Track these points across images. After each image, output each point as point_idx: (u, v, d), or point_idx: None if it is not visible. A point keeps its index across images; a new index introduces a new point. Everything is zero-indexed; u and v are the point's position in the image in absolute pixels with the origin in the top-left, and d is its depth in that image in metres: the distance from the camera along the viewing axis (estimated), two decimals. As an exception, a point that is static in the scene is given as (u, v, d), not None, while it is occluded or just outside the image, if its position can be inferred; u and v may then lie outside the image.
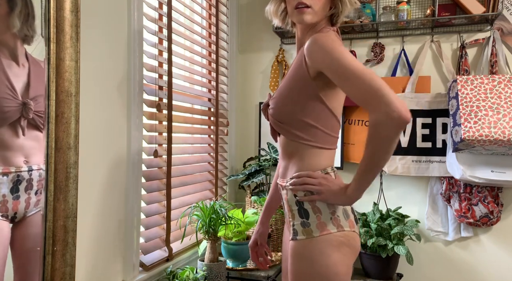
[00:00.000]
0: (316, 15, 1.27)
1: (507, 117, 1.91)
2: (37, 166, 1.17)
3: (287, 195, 1.29)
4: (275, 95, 1.32)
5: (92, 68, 1.44)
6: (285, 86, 1.28)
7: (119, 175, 1.60)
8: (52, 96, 1.19)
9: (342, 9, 1.29)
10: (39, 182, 1.18)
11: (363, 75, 1.09)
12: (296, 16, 1.27)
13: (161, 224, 1.87)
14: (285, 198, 1.31)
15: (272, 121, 1.32)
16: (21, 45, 1.13)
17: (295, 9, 1.26)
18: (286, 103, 1.27)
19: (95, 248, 1.49)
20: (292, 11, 1.27)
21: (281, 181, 1.33)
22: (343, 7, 1.29)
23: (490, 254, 2.26)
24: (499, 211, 2.15)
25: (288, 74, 1.30)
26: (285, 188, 1.30)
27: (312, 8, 1.25)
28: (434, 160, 2.24)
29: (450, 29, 2.29)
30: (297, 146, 1.27)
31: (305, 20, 1.25)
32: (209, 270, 1.87)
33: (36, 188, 1.18)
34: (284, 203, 1.33)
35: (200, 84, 2.24)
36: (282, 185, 1.32)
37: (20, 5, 1.12)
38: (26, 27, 1.14)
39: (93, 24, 1.44)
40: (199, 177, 2.23)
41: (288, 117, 1.27)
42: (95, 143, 1.47)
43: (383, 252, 2.04)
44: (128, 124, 1.63)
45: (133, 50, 1.64)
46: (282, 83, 1.31)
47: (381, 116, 1.05)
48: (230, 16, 2.56)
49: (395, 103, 1.04)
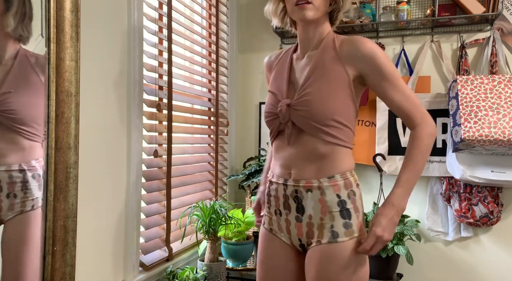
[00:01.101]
0: (317, 11, 1.24)
1: (507, 117, 1.91)
2: (6, 167, 1.11)
3: (323, 196, 1.24)
4: (302, 95, 1.25)
5: (92, 68, 1.44)
6: (319, 85, 1.23)
7: (119, 175, 1.60)
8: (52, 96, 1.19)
9: (343, 4, 1.28)
10: (12, 184, 1.12)
11: (409, 89, 1.25)
12: (297, 13, 1.24)
13: (161, 224, 1.87)
14: (319, 199, 1.24)
15: (303, 122, 1.25)
16: (12, 44, 1.11)
17: (295, 5, 1.23)
18: (323, 103, 1.22)
19: (95, 248, 1.49)
20: (293, 9, 1.25)
21: (304, 182, 1.26)
22: (344, 2, 1.28)
23: (490, 254, 2.26)
24: (499, 211, 2.15)
25: (318, 73, 1.25)
26: (319, 188, 1.24)
27: (313, 4, 1.22)
28: (434, 160, 2.24)
29: (450, 29, 2.29)
30: (332, 147, 1.24)
31: (307, 16, 1.23)
32: (209, 270, 1.87)
33: (8, 191, 1.11)
34: (308, 204, 1.26)
35: (200, 84, 2.24)
36: (309, 186, 1.25)
37: (16, 5, 1.11)
38: (22, 27, 1.13)
39: (93, 24, 1.44)
40: (199, 177, 2.23)
41: (325, 117, 1.22)
42: (95, 143, 1.47)
43: (383, 252, 2.04)
44: (128, 124, 1.63)
45: (133, 50, 1.64)
46: (309, 82, 1.25)
47: (429, 128, 1.22)
48: (230, 16, 2.56)
49: (431, 118, 1.24)
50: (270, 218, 1.37)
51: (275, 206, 1.35)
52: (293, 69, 1.34)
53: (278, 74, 1.38)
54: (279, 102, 1.29)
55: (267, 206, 1.39)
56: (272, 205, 1.36)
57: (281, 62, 1.40)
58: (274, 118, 1.31)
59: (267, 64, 1.47)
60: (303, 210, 1.27)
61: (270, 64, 1.45)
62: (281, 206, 1.32)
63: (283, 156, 1.31)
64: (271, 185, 1.36)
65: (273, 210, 1.36)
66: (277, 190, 1.33)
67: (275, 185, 1.34)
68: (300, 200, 1.27)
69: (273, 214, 1.36)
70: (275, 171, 1.35)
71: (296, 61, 1.35)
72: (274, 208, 1.35)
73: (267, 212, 1.39)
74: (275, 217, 1.35)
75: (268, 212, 1.38)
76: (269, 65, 1.46)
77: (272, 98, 1.34)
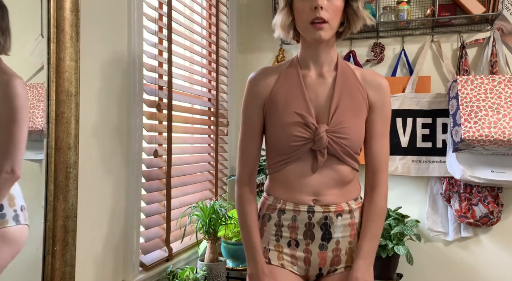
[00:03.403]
0: (332, 31, 1.18)
1: (507, 117, 1.91)
2: None
3: (353, 219, 1.26)
4: (339, 122, 1.20)
5: (92, 68, 1.44)
6: (351, 114, 1.22)
7: (119, 175, 1.60)
8: (52, 96, 1.19)
9: (356, 24, 1.21)
10: None
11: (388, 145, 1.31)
12: (311, 32, 1.16)
13: (161, 224, 1.87)
14: (349, 223, 1.25)
15: (342, 150, 1.21)
16: None
17: (310, 24, 1.15)
18: (359, 132, 1.23)
19: (95, 248, 1.49)
20: (306, 27, 1.17)
21: (335, 207, 1.24)
22: (357, 22, 1.21)
23: (490, 254, 2.26)
24: (499, 211, 2.15)
25: (346, 99, 1.22)
26: (350, 211, 1.25)
27: (329, 24, 1.15)
28: (434, 160, 2.24)
29: (450, 29, 2.29)
30: (354, 173, 1.26)
31: (322, 37, 1.16)
32: (209, 270, 1.87)
33: None
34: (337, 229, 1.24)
35: (200, 84, 2.24)
36: (340, 210, 1.24)
37: None
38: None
39: (93, 24, 1.44)
40: (199, 177, 2.23)
41: (359, 146, 1.25)
42: (95, 143, 1.47)
43: (383, 252, 2.04)
44: (128, 124, 1.63)
45: (133, 50, 1.64)
46: (341, 109, 1.21)
47: (386, 189, 1.28)
48: (230, 16, 2.56)
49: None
50: (279, 252, 1.26)
51: (289, 236, 1.25)
52: (307, 87, 1.24)
53: (291, 93, 1.24)
54: (309, 125, 1.20)
55: (274, 238, 1.27)
56: (285, 236, 1.26)
57: (287, 79, 1.26)
58: (305, 143, 1.20)
59: (260, 81, 1.28)
60: (330, 237, 1.23)
61: (266, 82, 1.27)
62: (300, 236, 1.24)
63: (305, 183, 1.23)
64: (282, 213, 1.26)
65: (285, 242, 1.26)
66: (294, 219, 1.24)
67: (291, 213, 1.24)
68: (329, 226, 1.23)
69: (284, 247, 1.26)
70: (290, 198, 1.25)
71: (306, 78, 1.25)
72: (287, 240, 1.26)
73: (274, 247, 1.27)
74: (288, 250, 1.26)
75: (276, 245, 1.27)
76: (264, 83, 1.27)
77: (298, 119, 1.20)
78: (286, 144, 1.21)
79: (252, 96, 1.28)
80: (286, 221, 1.25)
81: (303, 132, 1.19)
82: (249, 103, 1.29)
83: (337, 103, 1.21)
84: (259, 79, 1.28)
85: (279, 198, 1.27)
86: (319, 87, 1.23)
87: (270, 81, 1.27)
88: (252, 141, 1.29)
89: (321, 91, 1.23)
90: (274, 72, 1.29)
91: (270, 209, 1.28)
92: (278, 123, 1.23)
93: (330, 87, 1.23)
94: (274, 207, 1.27)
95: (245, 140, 1.30)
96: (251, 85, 1.29)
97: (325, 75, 1.24)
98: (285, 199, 1.25)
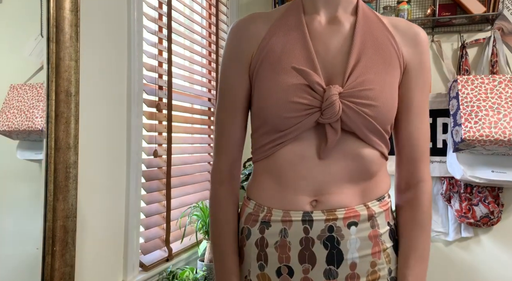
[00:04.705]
0: None
1: (508, 117, 1.90)
2: None
3: (375, 229, 0.85)
4: (361, 82, 0.82)
5: (92, 68, 1.44)
6: (379, 70, 0.84)
7: (119, 175, 1.60)
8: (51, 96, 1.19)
9: None
10: None
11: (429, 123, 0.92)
12: None
13: (161, 224, 1.87)
14: (369, 235, 0.85)
15: (364, 123, 0.82)
16: None
17: None
18: (391, 98, 0.84)
19: (95, 248, 1.49)
20: None
21: (344, 212, 0.84)
22: None
23: (490, 254, 2.26)
24: (499, 211, 2.15)
25: (371, 50, 0.85)
26: (369, 218, 0.86)
27: None
28: (435, 160, 2.24)
29: (451, 29, 2.29)
30: (382, 161, 0.89)
31: None
32: (209, 270, 1.86)
33: None
34: (351, 246, 0.84)
35: (200, 84, 2.24)
36: (353, 216, 0.84)
37: None
38: None
39: (93, 24, 1.44)
40: (199, 177, 2.22)
41: (390, 119, 0.86)
42: (95, 143, 1.47)
43: (383, 252, 2.04)
44: (128, 124, 1.63)
45: (133, 49, 1.63)
46: (365, 62, 0.84)
47: (431, 185, 0.92)
48: (230, 16, 2.55)
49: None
50: None
51: (278, 262, 0.85)
52: (313, 36, 0.87)
53: (288, 44, 0.86)
54: (313, 86, 0.81)
55: (257, 264, 0.88)
56: (271, 261, 0.86)
57: (283, 27, 0.89)
58: (308, 113, 0.82)
59: (245, 32, 0.91)
60: (341, 258, 0.83)
61: (254, 33, 0.90)
62: (294, 260, 0.84)
63: (303, 175, 0.84)
64: (266, 227, 0.86)
65: (272, 270, 0.86)
66: (284, 234, 0.85)
67: (279, 226, 0.85)
68: (337, 242, 0.83)
69: (272, 278, 0.86)
70: (278, 202, 0.86)
71: (312, 25, 0.88)
72: (275, 267, 0.86)
73: (258, 277, 0.88)
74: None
75: (261, 275, 0.87)
76: (251, 34, 0.90)
77: (297, 80, 0.82)
78: (278, 116, 0.83)
79: (234, 52, 0.90)
80: (273, 238, 0.85)
81: (304, 96, 0.81)
82: (229, 64, 0.91)
83: (357, 56, 0.84)
84: (244, 29, 0.91)
85: (261, 204, 0.88)
86: (332, 36, 0.87)
87: (260, 31, 0.90)
88: (233, 117, 0.91)
89: (334, 41, 0.86)
90: (266, 18, 0.91)
91: (249, 220, 0.90)
92: (267, 86, 0.84)
93: (347, 35, 0.86)
94: (255, 218, 0.89)
95: (223, 117, 0.92)
96: (233, 38, 0.91)
97: (341, 19, 0.88)
98: (271, 204, 0.87)
